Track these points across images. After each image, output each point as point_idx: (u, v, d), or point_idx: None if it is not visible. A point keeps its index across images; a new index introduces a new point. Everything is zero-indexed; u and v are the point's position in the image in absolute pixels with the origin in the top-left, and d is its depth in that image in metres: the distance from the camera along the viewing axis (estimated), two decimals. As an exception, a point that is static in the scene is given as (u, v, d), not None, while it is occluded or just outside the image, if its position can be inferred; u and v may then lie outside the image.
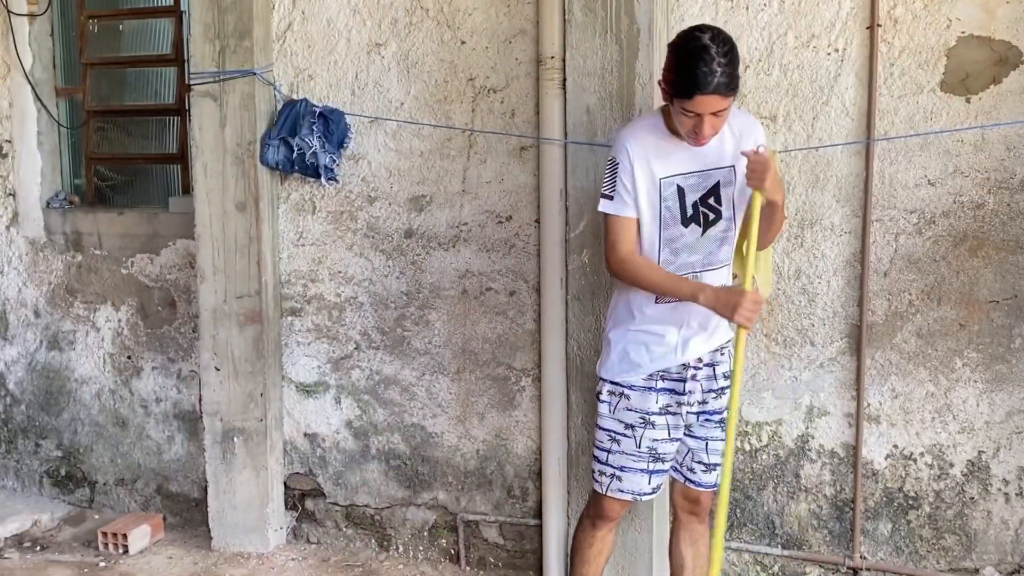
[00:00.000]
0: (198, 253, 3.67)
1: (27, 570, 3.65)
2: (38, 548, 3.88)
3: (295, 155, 3.50)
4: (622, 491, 2.71)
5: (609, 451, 2.71)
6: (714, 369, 2.68)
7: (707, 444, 2.71)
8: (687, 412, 2.67)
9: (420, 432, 3.61)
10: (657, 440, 2.66)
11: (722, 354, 2.69)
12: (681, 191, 2.54)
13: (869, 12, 2.93)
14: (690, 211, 2.56)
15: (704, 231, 2.57)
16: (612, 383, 2.70)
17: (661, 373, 2.65)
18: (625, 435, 2.68)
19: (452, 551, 3.62)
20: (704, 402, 2.68)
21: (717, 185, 2.55)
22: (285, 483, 3.81)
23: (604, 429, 2.72)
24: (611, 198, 2.57)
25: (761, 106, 3.06)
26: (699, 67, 2.32)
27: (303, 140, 3.47)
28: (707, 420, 2.70)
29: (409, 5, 3.42)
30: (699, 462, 2.72)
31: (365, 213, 3.58)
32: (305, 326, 3.71)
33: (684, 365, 2.64)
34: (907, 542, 3.09)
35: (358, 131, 3.54)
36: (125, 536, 3.76)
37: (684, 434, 2.71)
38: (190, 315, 3.96)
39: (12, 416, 4.39)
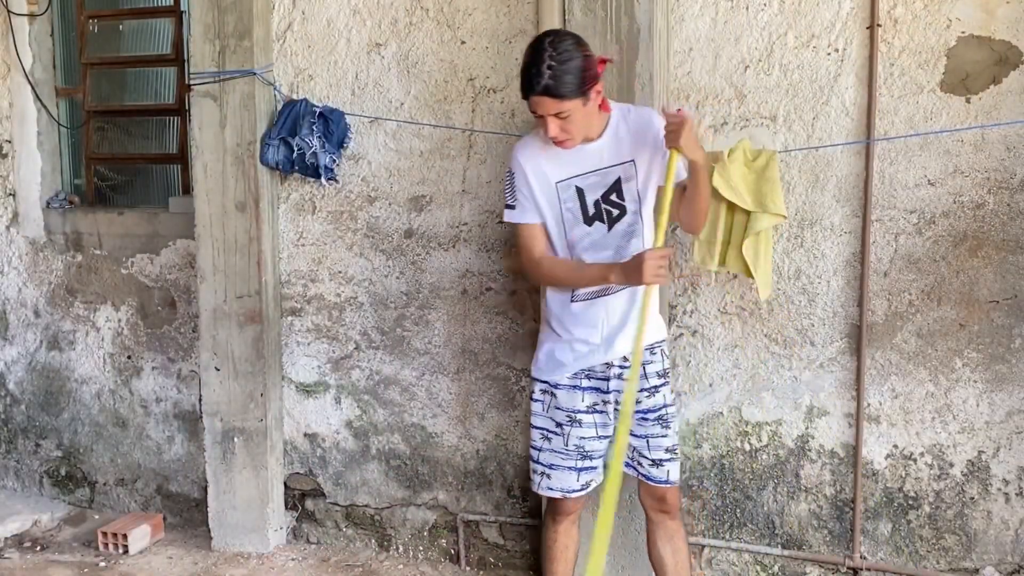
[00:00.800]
0: (198, 253, 3.67)
1: (27, 570, 3.65)
2: (38, 548, 3.88)
3: (295, 155, 3.50)
4: (551, 488, 2.77)
5: (540, 449, 2.77)
6: (644, 368, 2.69)
7: (648, 442, 2.73)
8: (614, 411, 2.70)
9: (420, 432, 3.61)
10: (584, 438, 2.72)
11: (653, 353, 2.71)
12: (580, 191, 2.62)
13: (869, 12, 2.93)
14: (592, 210, 2.63)
15: (610, 228, 2.63)
16: (542, 382, 2.76)
17: (586, 372, 2.70)
18: (556, 433, 2.74)
19: (452, 551, 3.62)
20: (637, 401, 2.69)
21: (618, 181, 2.61)
22: (285, 483, 3.81)
23: (536, 427, 2.79)
24: (513, 207, 2.68)
25: (761, 106, 3.06)
26: (529, 68, 2.45)
27: (303, 140, 3.47)
28: (643, 419, 2.71)
29: (409, 5, 3.43)
30: (645, 458, 2.75)
31: (365, 213, 3.58)
32: (305, 326, 3.71)
33: (608, 364, 2.68)
34: (907, 542, 3.09)
35: (358, 131, 3.54)
36: (125, 536, 3.76)
37: (630, 434, 2.73)
38: (190, 315, 3.96)
39: (12, 416, 4.39)
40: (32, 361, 4.30)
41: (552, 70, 2.41)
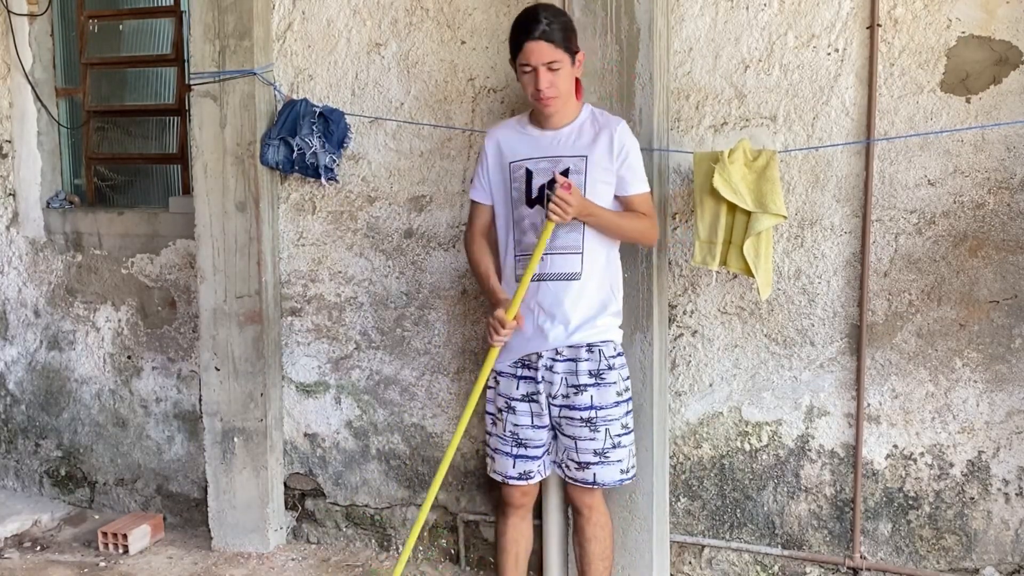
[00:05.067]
0: (198, 253, 3.67)
1: (27, 570, 3.65)
2: (38, 548, 3.89)
3: (295, 155, 3.50)
4: (495, 472, 2.88)
5: (490, 433, 2.88)
6: (576, 364, 2.73)
7: (576, 443, 2.76)
8: (549, 403, 2.76)
9: (420, 432, 3.61)
10: (519, 426, 2.79)
11: (590, 351, 2.73)
12: (529, 174, 2.74)
13: (869, 12, 2.93)
14: (535, 193, 2.73)
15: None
16: (495, 369, 2.84)
17: (523, 360, 2.77)
18: (498, 418, 2.84)
19: (452, 551, 3.62)
20: (567, 396, 2.74)
21: (567, 172, 2.69)
22: (285, 483, 3.81)
23: (488, 412, 2.90)
24: (472, 182, 2.90)
25: (761, 106, 3.06)
26: (527, 20, 2.62)
27: (303, 140, 3.47)
28: (569, 418, 2.75)
29: (409, 5, 3.43)
30: (572, 460, 2.79)
31: (365, 213, 3.58)
32: (305, 326, 3.71)
33: (539, 355, 2.74)
34: (907, 542, 3.09)
35: (358, 131, 3.54)
36: (125, 536, 3.76)
37: (560, 432, 2.78)
38: (190, 315, 3.96)
39: (12, 416, 4.39)
40: (32, 361, 4.30)
41: (548, 20, 2.59)
